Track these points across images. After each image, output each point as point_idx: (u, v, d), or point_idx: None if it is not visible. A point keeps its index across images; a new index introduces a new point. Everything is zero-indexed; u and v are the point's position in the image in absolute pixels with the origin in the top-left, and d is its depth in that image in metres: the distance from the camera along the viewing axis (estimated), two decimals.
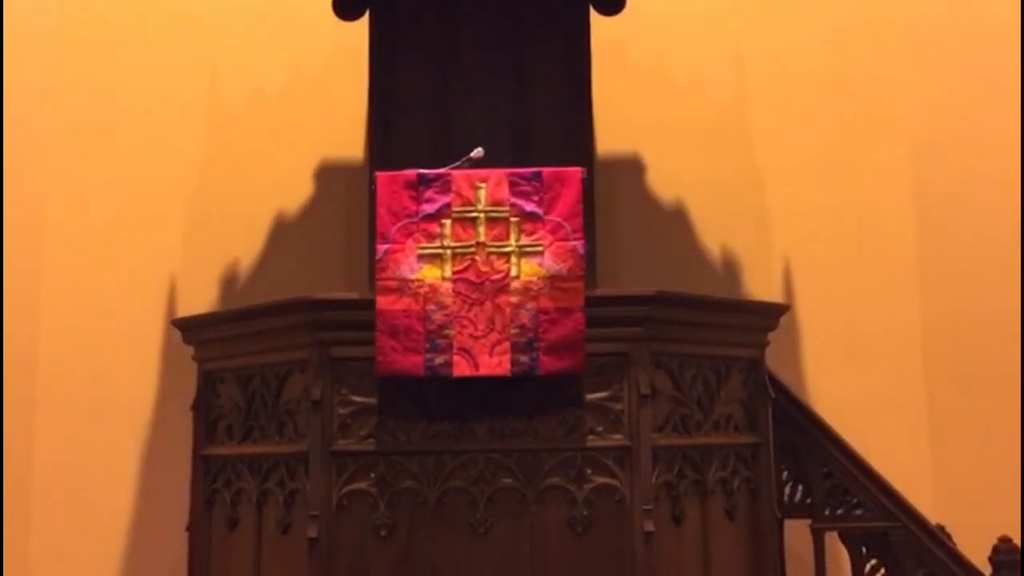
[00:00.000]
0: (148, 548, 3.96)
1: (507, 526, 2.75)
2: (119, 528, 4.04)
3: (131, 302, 4.10)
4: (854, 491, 3.35)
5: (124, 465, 4.04)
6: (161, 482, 3.92)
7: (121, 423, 4.05)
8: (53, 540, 4.01)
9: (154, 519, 3.92)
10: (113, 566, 4.01)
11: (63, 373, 4.09)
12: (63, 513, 4.04)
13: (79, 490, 4.03)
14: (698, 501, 2.91)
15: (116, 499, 4.03)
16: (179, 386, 3.51)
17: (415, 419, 2.82)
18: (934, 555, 3.29)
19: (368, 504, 2.77)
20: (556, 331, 2.79)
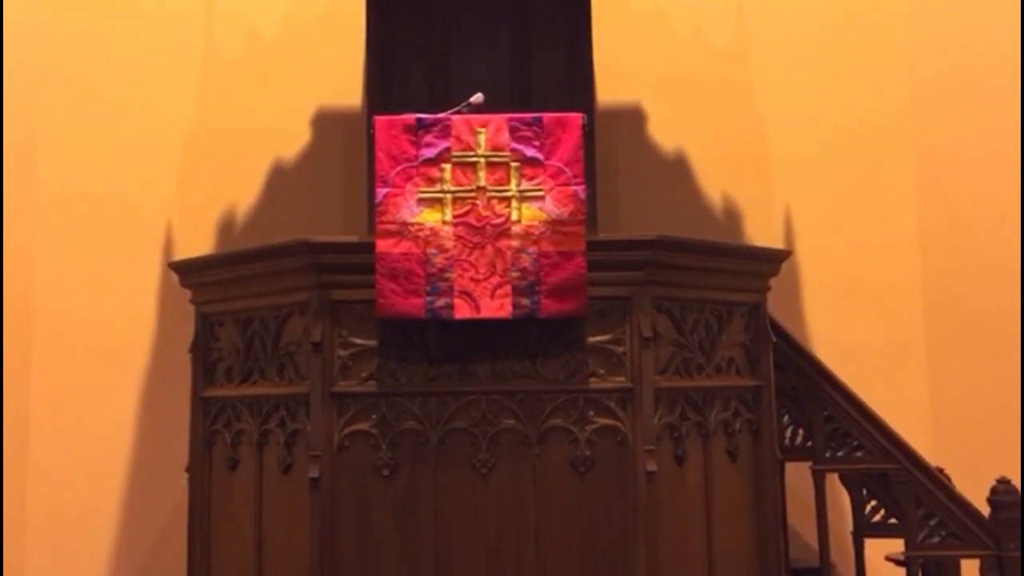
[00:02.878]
0: (148, 489, 3.96)
1: (509, 466, 2.73)
2: (119, 470, 4.03)
3: (128, 246, 4.05)
4: (854, 434, 3.34)
5: (123, 408, 4.03)
6: (161, 424, 3.90)
7: (119, 367, 4.02)
8: (52, 483, 4.00)
9: (154, 461, 3.92)
10: (114, 508, 4.01)
11: (60, 318, 4.05)
12: (62, 456, 4.02)
13: (78, 433, 4.02)
14: (700, 442, 2.89)
15: (116, 442, 4.02)
16: (177, 329, 3.47)
17: (416, 361, 2.78)
18: (933, 496, 3.28)
19: (370, 445, 2.74)
20: (557, 275, 2.75)
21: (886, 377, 3.97)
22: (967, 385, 4.11)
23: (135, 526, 4.01)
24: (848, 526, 3.69)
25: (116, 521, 4.02)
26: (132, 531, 4.01)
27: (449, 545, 2.69)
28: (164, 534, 3.87)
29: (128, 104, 4.13)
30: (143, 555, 4.00)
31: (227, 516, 2.96)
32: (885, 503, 3.45)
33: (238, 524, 2.91)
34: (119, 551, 4.02)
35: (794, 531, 3.85)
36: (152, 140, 4.12)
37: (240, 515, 2.91)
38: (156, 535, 3.97)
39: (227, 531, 2.95)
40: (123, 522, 4.01)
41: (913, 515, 3.29)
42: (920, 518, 3.30)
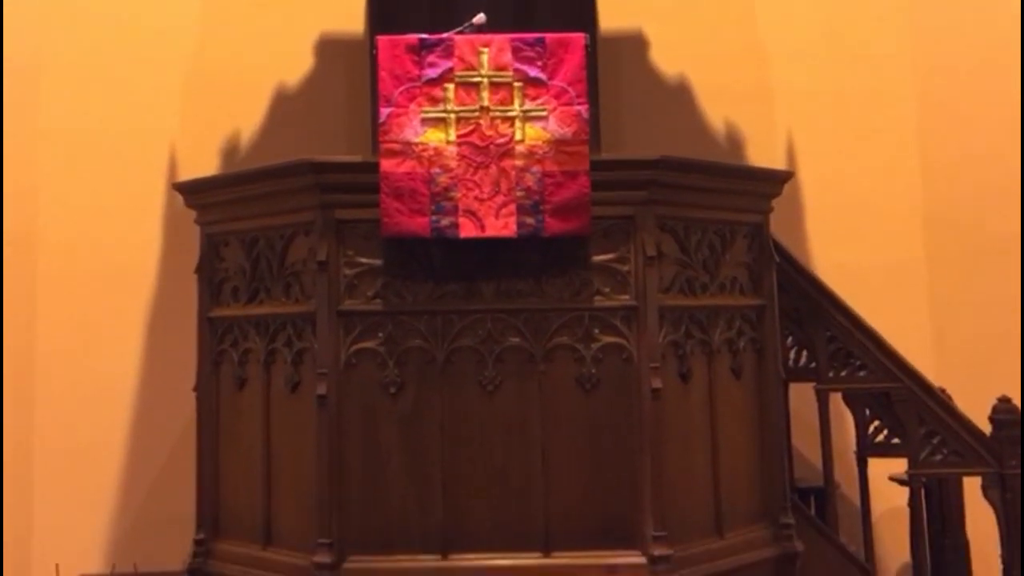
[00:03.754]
0: (157, 409, 4.00)
1: (515, 384, 2.74)
2: (127, 390, 4.07)
3: (133, 171, 4.04)
4: (857, 354, 3.35)
5: (130, 329, 4.05)
6: (168, 344, 3.92)
7: (126, 289, 4.04)
8: (60, 408, 4.04)
9: (162, 381, 3.95)
10: (123, 427, 4.06)
11: (65, 242, 4.04)
12: (70, 378, 4.06)
13: (85, 357, 4.05)
14: (704, 360, 2.90)
15: (123, 362, 4.05)
16: (183, 251, 3.46)
17: (422, 280, 2.78)
18: (935, 414, 3.30)
19: (376, 363, 2.75)
20: (562, 194, 2.74)
21: (887, 299, 3.97)
22: (968, 306, 4.13)
23: (144, 447, 4.06)
24: (851, 447, 3.72)
25: (125, 443, 4.07)
26: (141, 452, 4.06)
27: (456, 461, 2.72)
28: (174, 452, 3.92)
29: (131, 29, 4.09)
30: (153, 475, 4.05)
31: (235, 434, 2.98)
32: (888, 423, 3.47)
33: (246, 442, 2.94)
34: (129, 472, 4.07)
35: (798, 452, 3.88)
36: (155, 66, 4.08)
37: (248, 433, 2.94)
38: (166, 455, 4.01)
39: (235, 449, 2.98)
40: (132, 443, 4.06)
41: (915, 434, 3.32)
42: (922, 436, 3.32)
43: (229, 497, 2.99)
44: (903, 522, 3.97)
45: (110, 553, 4.02)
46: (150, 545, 3.90)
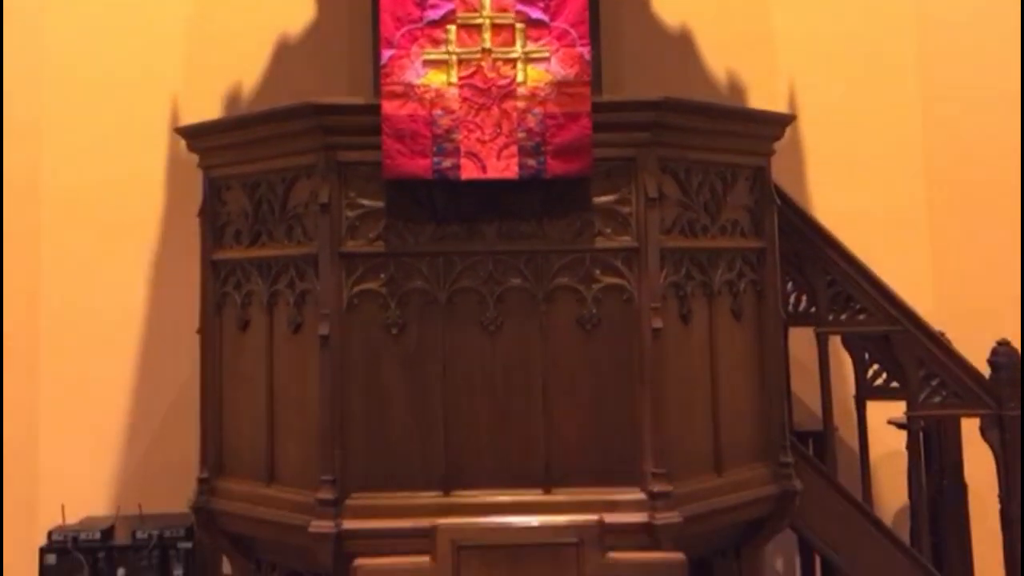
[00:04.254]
0: (162, 353, 4.02)
1: (517, 324, 2.75)
2: (132, 335, 4.08)
3: (135, 118, 4.00)
4: (857, 297, 3.36)
5: (135, 273, 4.04)
6: (171, 287, 3.93)
7: (130, 233, 4.02)
8: (65, 350, 4.06)
9: (167, 324, 3.96)
10: (128, 371, 4.08)
11: (69, 188, 4.03)
12: (74, 322, 4.07)
13: (91, 298, 4.06)
14: (705, 301, 2.90)
15: (128, 306, 4.06)
16: (186, 195, 3.46)
17: (423, 222, 2.78)
18: (935, 356, 3.31)
19: (379, 304, 2.76)
20: (563, 135, 2.73)
21: (888, 244, 3.97)
22: (968, 252, 4.13)
23: (150, 390, 4.08)
24: (850, 392, 3.74)
25: (131, 386, 4.10)
26: (147, 395, 4.08)
27: (457, 401, 2.73)
28: (180, 396, 3.94)
29: None
30: (159, 418, 4.08)
31: (239, 375, 3.00)
32: (887, 366, 3.49)
33: (250, 382, 2.96)
34: (134, 415, 4.11)
35: (796, 398, 3.90)
36: (157, 12, 4.04)
37: (252, 374, 2.95)
38: (171, 399, 4.04)
39: (239, 389, 3.00)
40: (138, 387, 4.08)
41: (915, 376, 3.33)
42: (921, 379, 3.33)
43: (232, 436, 3.02)
44: (901, 466, 4.01)
45: (115, 495, 4.06)
46: (155, 488, 3.93)
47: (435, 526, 2.34)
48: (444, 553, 2.30)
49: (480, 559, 2.29)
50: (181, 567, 3.58)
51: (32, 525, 3.89)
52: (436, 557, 2.31)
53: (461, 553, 2.29)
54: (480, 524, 2.40)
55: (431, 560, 2.31)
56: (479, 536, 2.32)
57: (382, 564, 2.36)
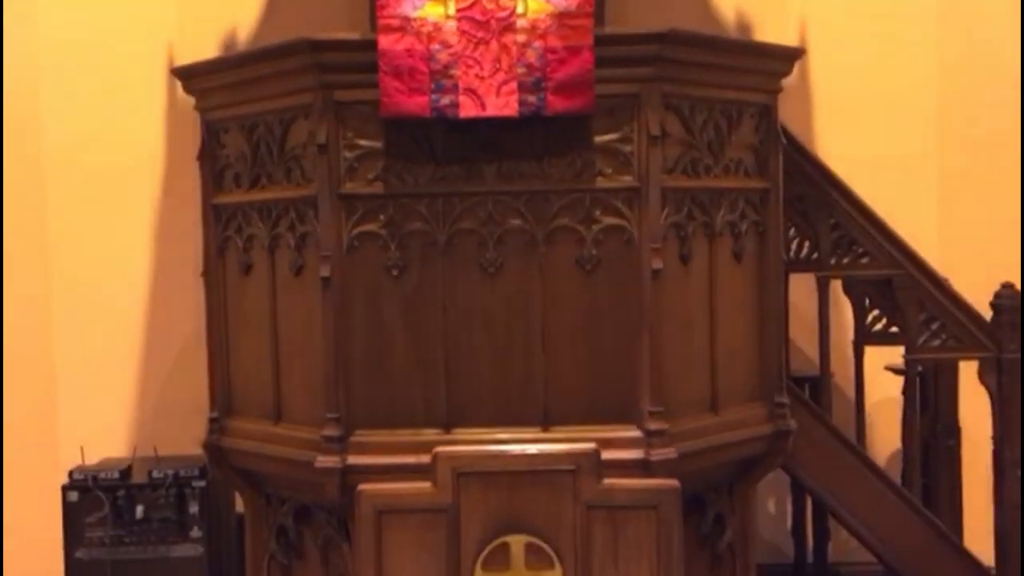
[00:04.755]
0: (171, 300, 3.89)
1: (517, 265, 2.57)
2: (140, 282, 3.96)
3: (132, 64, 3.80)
4: (860, 240, 3.15)
5: (139, 220, 3.88)
6: (174, 233, 3.78)
7: (128, 179, 3.85)
8: (77, 301, 3.94)
9: (174, 271, 3.83)
10: (139, 318, 3.96)
11: (70, 139, 3.85)
12: (83, 272, 3.94)
13: (98, 247, 3.93)
14: (706, 242, 2.71)
15: (135, 254, 3.93)
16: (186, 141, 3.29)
17: (422, 162, 2.58)
18: (936, 299, 3.12)
19: (379, 245, 2.58)
20: (564, 70, 2.50)
21: (895, 192, 3.74)
22: (976, 200, 3.90)
23: (161, 336, 3.97)
24: (848, 339, 3.57)
25: (142, 333, 3.98)
26: (158, 341, 3.97)
27: (458, 341, 2.58)
28: (189, 342, 3.82)
29: None
30: (171, 363, 3.97)
31: (243, 318, 2.86)
32: (887, 311, 3.30)
33: (255, 325, 2.81)
34: (147, 361, 4.00)
35: (795, 345, 3.74)
36: None
37: (256, 316, 2.81)
38: (181, 344, 3.92)
39: (245, 332, 2.85)
40: (148, 334, 3.97)
41: (915, 319, 3.14)
42: (922, 322, 3.14)
43: (240, 377, 2.89)
44: (896, 412, 3.85)
45: (131, 438, 3.96)
46: (169, 431, 3.84)
47: (436, 453, 2.25)
48: (444, 479, 2.23)
49: (479, 485, 2.21)
50: (196, 505, 3.51)
51: (54, 466, 3.81)
52: (436, 483, 2.23)
53: (460, 479, 2.21)
54: (479, 452, 2.29)
55: (432, 486, 2.23)
56: (478, 463, 2.23)
57: (384, 489, 2.29)
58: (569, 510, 2.17)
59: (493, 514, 2.18)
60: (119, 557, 3.46)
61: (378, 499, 2.24)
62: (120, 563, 3.46)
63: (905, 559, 3.21)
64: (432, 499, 2.22)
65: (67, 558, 3.46)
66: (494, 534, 2.20)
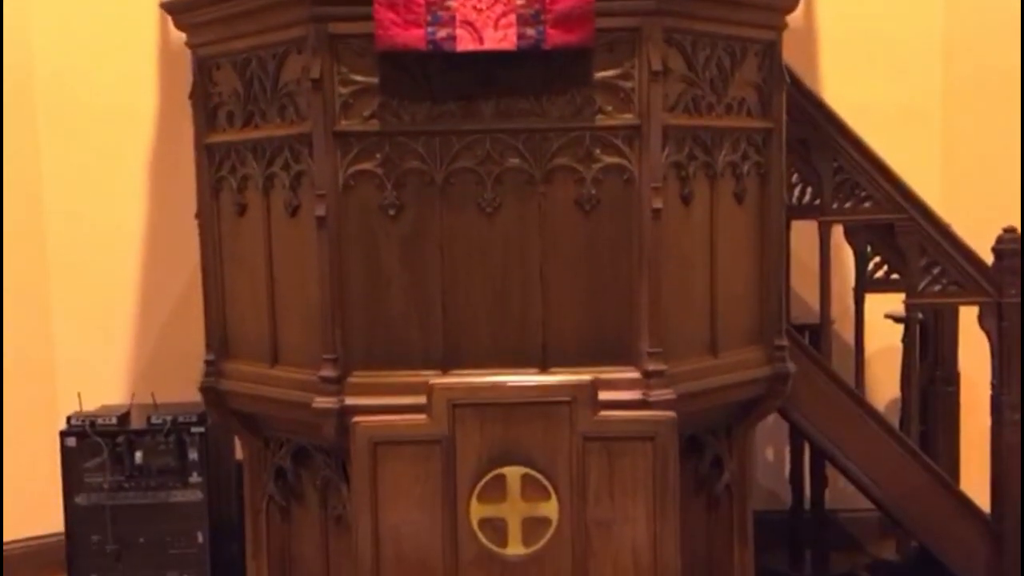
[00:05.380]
0: (167, 244, 3.84)
1: (515, 205, 2.52)
2: (133, 222, 3.91)
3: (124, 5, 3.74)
4: (863, 184, 3.09)
5: (131, 161, 3.82)
6: (170, 175, 3.70)
7: (122, 121, 3.78)
8: (72, 247, 3.89)
9: (170, 213, 3.77)
10: (135, 264, 3.92)
11: (60, 73, 3.78)
12: (79, 217, 3.89)
13: (93, 192, 3.87)
14: (707, 183, 2.65)
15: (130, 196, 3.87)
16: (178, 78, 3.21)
17: (419, 99, 2.51)
18: (938, 244, 3.07)
19: (375, 185, 2.52)
20: (564, 2, 2.42)
21: (899, 137, 3.66)
22: (980, 147, 3.84)
23: (157, 282, 3.93)
24: (849, 287, 3.53)
25: (138, 279, 3.94)
26: (155, 288, 3.94)
27: (455, 282, 2.53)
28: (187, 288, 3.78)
29: None
30: (168, 310, 3.94)
31: (239, 260, 2.80)
32: (888, 258, 3.26)
33: (250, 267, 2.76)
34: (144, 307, 3.96)
35: (795, 293, 3.70)
36: None
37: (251, 258, 2.75)
38: (179, 291, 3.88)
39: (240, 274, 2.80)
40: (145, 279, 3.93)
41: (916, 264, 3.09)
42: (923, 267, 3.10)
43: (236, 320, 2.84)
44: (895, 361, 3.82)
45: (129, 386, 3.94)
46: (167, 378, 3.82)
47: (431, 385, 2.20)
48: (440, 411, 2.21)
49: (475, 417, 2.19)
50: (195, 451, 3.50)
51: (52, 414, 3.79)
52: (432, 415, 2.20)
53: (456, 411, 2.19)
54: (475, 383, 2.26)
55: (427, 418, 2.20)
56: (474, 394, 2.20)
57: (380, 421, 2.27)
58: (565, 442, 2.15)
59: (489, 446, 2.16)
60: (118, 502, 3.46)
61: (374, 431, 2.21)
62: (120, 508, 3.46)
63: (902, 505, 3.21)
64: (428, 431, 2.19)
65: (66, 504, 3.46)
66: (490, 466, 2.18)
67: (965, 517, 3.18)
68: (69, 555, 3.46)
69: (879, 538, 4.09)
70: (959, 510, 3.18)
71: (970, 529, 3.17)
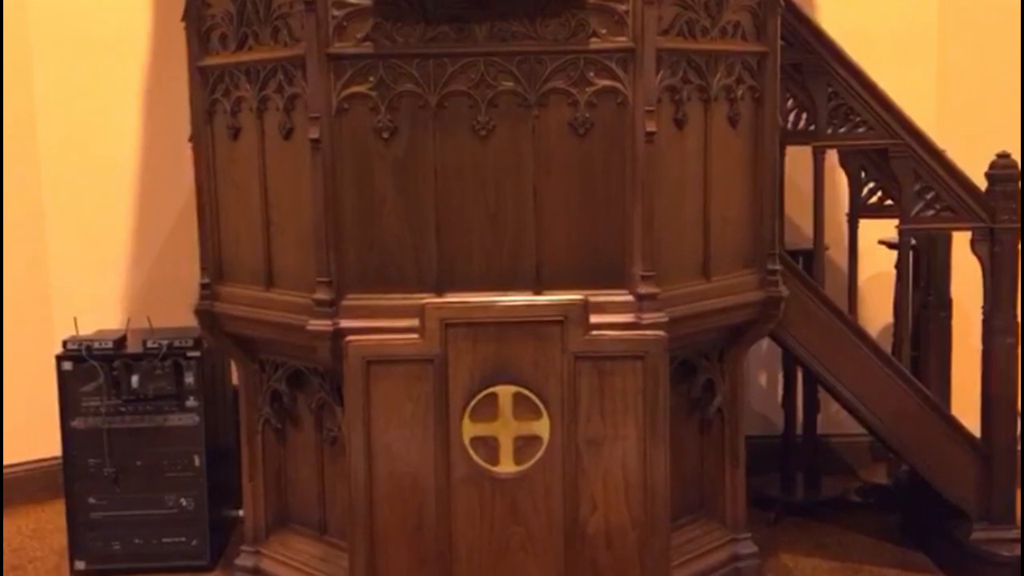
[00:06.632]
0: (162, 170, 3.91)
1: (509, 128, 2.61)
2: (127, 147, 3.97)
3: None
4: (858, 109, 3.18)
5: (126, 84, 3.89)
6: (162, 99, 3.79)
7: (114, 45, 3.85)
8: (67, 172, 3.96)
9: (164, 136, 3.84)
10: (130, 189, 3.99)
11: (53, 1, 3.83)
12: (73, 142, 3.96)
13: (86, 115, 3.93)
14: (701, 107, 2.74)
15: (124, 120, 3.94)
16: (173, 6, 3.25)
17: (412, 22, 2.58)
18: (932, 170, 3.16)
19: (368, 107, 2.62)
20: None
21: (895, 64, 3.77)
22: (976, 74, 3.92)
23: (153, 208, 4.01)
24: (843, 211, 3.63)
25: (134, 205, 4.01)
26: (151, 213, 4.02)
27: (449, 205, 2.63)
28: (182, 214, 3.86)
29: None
30: (164, 235, 4.02)
31: (233, 183, 2.90)
32: (882, 184, 3.36)
33: (245, 190, 2.86)
34: (139, 233, 4.04)
35: (789, 219, 3.81)
36: None
37: (246, 181, 2.85)
38: (175, 216, 3.96)
39: (235, 197, 2.90)
40: (140, 205, 4.00)
41: (910, 190, 3.19)
42: (916, 192, 3.19)
43: (231, 244, 2.95)
44: (888, 287, 3.95)
45: (124, 311, 4.04)
46: (162, 304, 3.92)
47: (424, 305, 2.29)
48: (432, 330, 2.27)
49: (467, 336, 2.27)
50: (192, 375, 3.59)
51: (48, 338, 3.89)
52: (425, 334, 2.27)
53: (448, 330, 2.26)
54: (467, 303, 2.35)
55: (420, 337, 2.28)
56: (466, 314, 2.28)
57: (373, 340, 2.34)
58: (556, 361, 2.23)
59: (481, 365, 2.24)
60: (115, 426, 3.54)
61: (367, 350, 2.28)
62: (116, 432, 3.55)
63: (894, 428, 3.29)
64: (420, 350, 2.27)
65: (63, 427, 3.54)
66: (482, 384, 2.27)
67: (955, 440, 3.27)
68: (67, 478, 3.54)
69: (870, 462, 4.23)
70: (950, 434, 3.27)
71: (960, 452, 3.26)
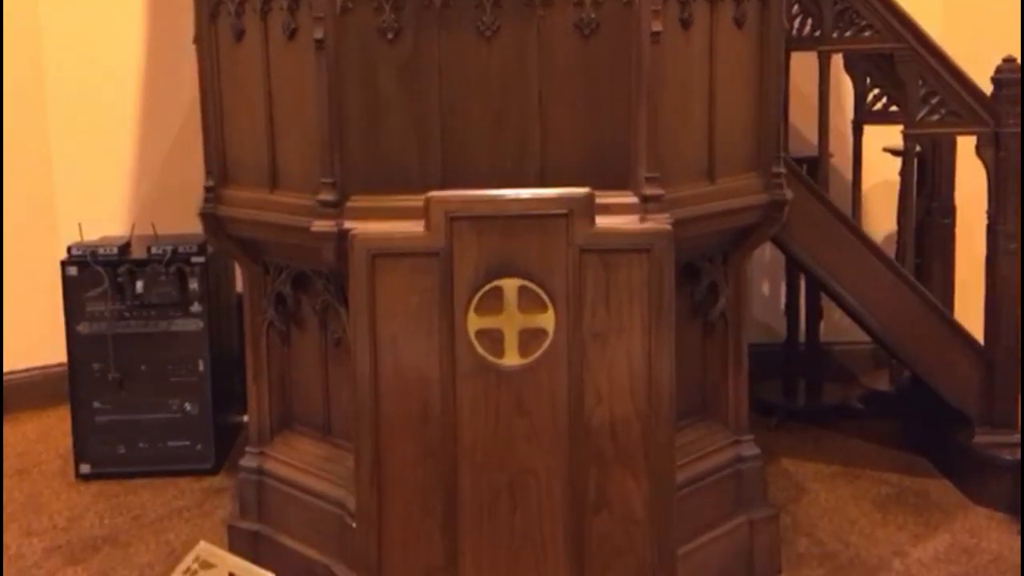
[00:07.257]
0: (166, 76, 3.92)
1: (514, 29, 2.63)
2: (132, 50, 3.99)
3: None
4: (863, 13, 3.22)
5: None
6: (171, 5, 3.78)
7: None
8: (70, 77, 3.97)
9: (164, 38, 3.85)
10: (134, 95, 4.01)
11: None
12: (74, 43, 3.98)
13: (90, 19, 3.93)
14: (707, 7, 2.76)
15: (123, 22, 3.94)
16: None
17: None
18: (937, 74, 3.21)
19: (373, 8, 2.64)
20: None
21: None
22: None
23: (157, 115, 4.04)
24: (847, 121, 3.68)
25: (138, 110, 4.04)
26: (155, 119, 4.05)
27: (454, 107, 2.67)
28: (187, 120, 3.89)
29: None
30: (169, 142, 4.06)
31: (237, 85, 2.94)
32: (887, 89, 3.41)
33: (248, 92, 2.90)
34: (144, 140, 4.08)
35: (793, 127, 3.85)
36: None
37: (249, 83, 2.89)
38: (180, 120, 3.98)
39: (239, 100, 2.94)
40: (145, 111, 4.02)
41: (915, 94, 3.24)
42: (921, 97, 3.25)
43: (235, 146, 2.99)
44: (892, 195, 4.02)
45: (129, 218, 4.11)
46: (167, 210, 4.00)
47: (428, 198, 2.32)
48: (437, 222, 2.28)
49: (472, 229, 2.28)
50: (196, 280, 3.68)
51: (52, 244, 3.96)
52: (430, 226, 2.29)
53: (453, 223, 2.27)
54: (472, 196, 2.37)
55: (425, 230, 2.30)
56: (471, 207, 2.30)
57: (378, 233, 2.34)
58: (562, 254, 2.25)
59: (486, 258, 2.26)
60: (120, 331, 3.67)
61: (372, 243, 2.28)
62: (121, 337, 3.67)
63: (897, 334, 3.38)
64: (425, 243, 2.27)
65: (68, 332, 3.67)
66: (487, 278, 2.28)
67: (959, 346, 3.36)
68: (72, 384, 3.68)
69: (872, 369, 4.35)
70: (953, 339, 3.36)
71: (963, 358, 3.35)
